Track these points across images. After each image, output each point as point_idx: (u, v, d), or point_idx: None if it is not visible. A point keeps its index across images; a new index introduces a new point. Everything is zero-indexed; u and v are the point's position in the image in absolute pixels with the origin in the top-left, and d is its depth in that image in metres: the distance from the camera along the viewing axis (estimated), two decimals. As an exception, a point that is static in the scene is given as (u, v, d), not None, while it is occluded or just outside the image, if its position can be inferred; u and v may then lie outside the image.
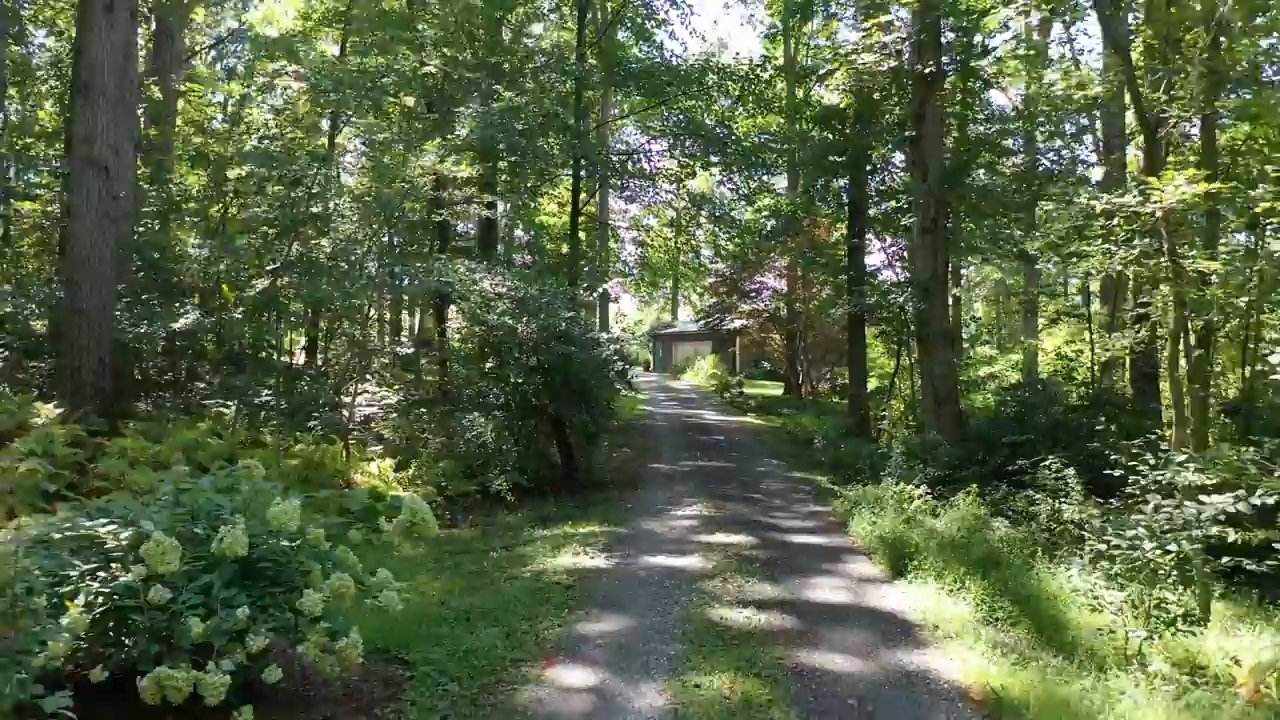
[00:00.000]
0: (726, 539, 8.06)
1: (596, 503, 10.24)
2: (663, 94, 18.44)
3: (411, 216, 11.67)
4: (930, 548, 7.21)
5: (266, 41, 16.08)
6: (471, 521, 9.17)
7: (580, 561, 7.21)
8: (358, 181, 13.28)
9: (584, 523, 9.00)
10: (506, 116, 10.46)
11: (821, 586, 6.51)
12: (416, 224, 18.88)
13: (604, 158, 20.03)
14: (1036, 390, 11.19)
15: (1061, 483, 8.81)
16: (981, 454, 10.35)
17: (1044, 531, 8.36)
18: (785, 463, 13.81)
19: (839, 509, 9.50)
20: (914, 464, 10.16)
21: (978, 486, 9.16)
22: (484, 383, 10.91)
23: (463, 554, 7.76)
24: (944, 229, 11.21)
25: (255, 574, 3.98)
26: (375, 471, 9.50)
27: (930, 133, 11.06)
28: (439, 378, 14.91)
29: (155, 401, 12.22)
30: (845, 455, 12.91)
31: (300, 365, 14.34)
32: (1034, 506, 8.92)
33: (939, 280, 11.00)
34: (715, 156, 19.61)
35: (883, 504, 8.92)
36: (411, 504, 4.51)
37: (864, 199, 16.68)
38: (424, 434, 10.32)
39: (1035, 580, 6.46)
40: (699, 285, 38.69)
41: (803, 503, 10.18)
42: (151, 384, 12.41)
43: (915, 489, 9.33)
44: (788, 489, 11.19)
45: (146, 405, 11.86)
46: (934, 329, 10.92)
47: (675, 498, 10.42)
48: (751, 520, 8.98)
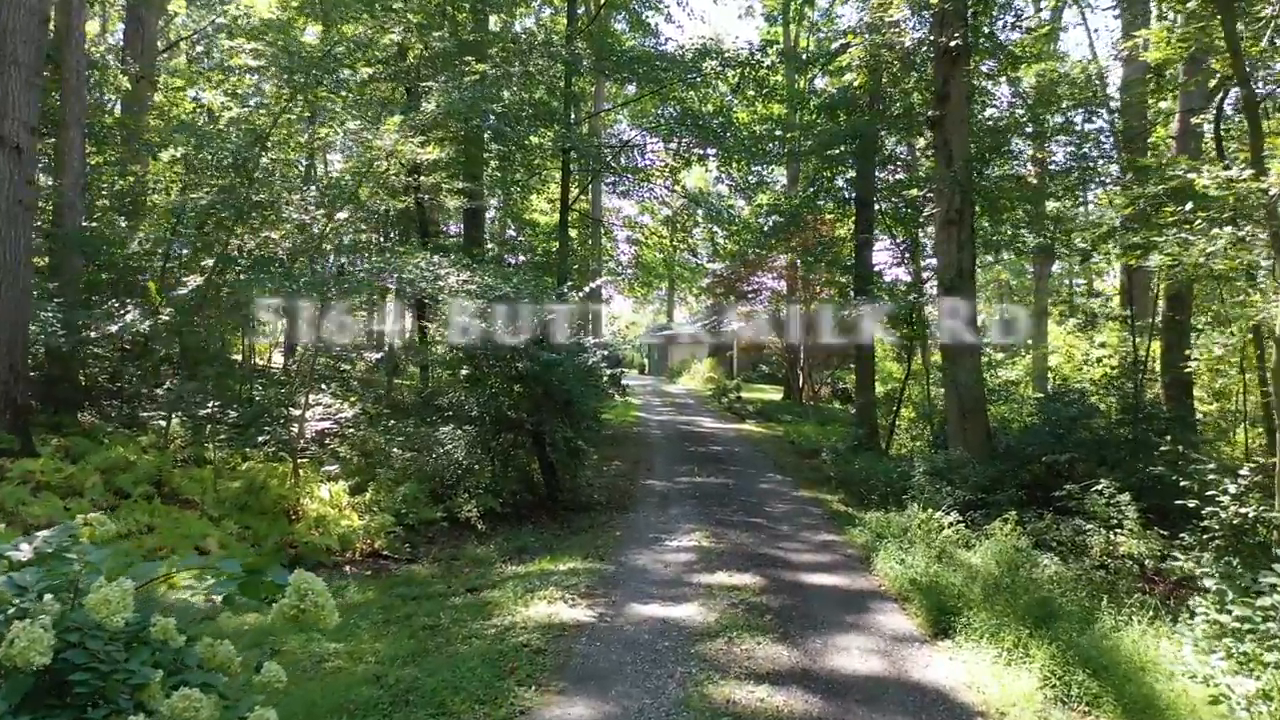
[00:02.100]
0: (729, 579, 6.87)
1: (581, 529, 9.05)
2: (657, 81, 17.28)
3: (376, 205, 10.50)
4: (975, 595, 6.03)
5: (240, 29, 14.91)
6: (435, 555, 7.97)
7: (556, 613, 6.01)
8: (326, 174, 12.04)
9: (565, 556, 7.80)
10: (479, 91, 9.28)
11: (849, 649, 5.32)
12: (387, 216, 17.75)
13: (595, 150, 18.88)
14: (1071, 401, 10.02)
15: (1114, 509, 7.67)
16: (1015, 474, 9.18)
17: (1098, 568, 7.21)
18: (790, 478, 12.63)
19: (857, 539, 8.32)
20: (940, 485, 8.99)
21: (1016, 513, 8.01)
22: (457, 393, 9.70)
23: (419, 599, 6.57)
24: (971, 220, 10.04)
25: (63, 690, 2.80)
26: (326, 496, 8.28)
27: (955, 113, 9.90)
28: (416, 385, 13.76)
29: (101, 412, 11.03)
30: (856, 471, 11.73)
31: (269, 370, 13.17)
32: (1081, 536, 7.77)
33: (965, 277, 9.84)
34: (712, 150, 18.50)
35: (909, 536, 7.74)
36: (300, 584, 3.26)
37: (871, 192, 15.52)
38: (387, 450, 9.10)
39: (1110, 642, 5.28)
40: (695, 287, 37.57)
41: (813, 529, 8.99)
42: (103, 392, 11.21)
43: (944, 516, 8.17)
44: (795, 511, 10.01)
45: (91, 416, 10.68)
46: (959, 332, 9.76)
47: (670, 522, 9.23)
48: (757, 554, 7.79)
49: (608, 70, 18.23)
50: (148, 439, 9.59)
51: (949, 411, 10.10)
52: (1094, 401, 10.58)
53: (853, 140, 13.79)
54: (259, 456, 9.40)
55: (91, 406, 10.91)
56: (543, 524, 9.19)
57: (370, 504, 8.38)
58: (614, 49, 18.11)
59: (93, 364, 11.28)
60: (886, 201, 14.42)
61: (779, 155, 17.86)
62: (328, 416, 8.92)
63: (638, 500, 10.64)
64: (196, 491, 8.17)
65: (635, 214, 28.07)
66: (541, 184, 22.84)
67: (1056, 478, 9.15)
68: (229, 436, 9.61)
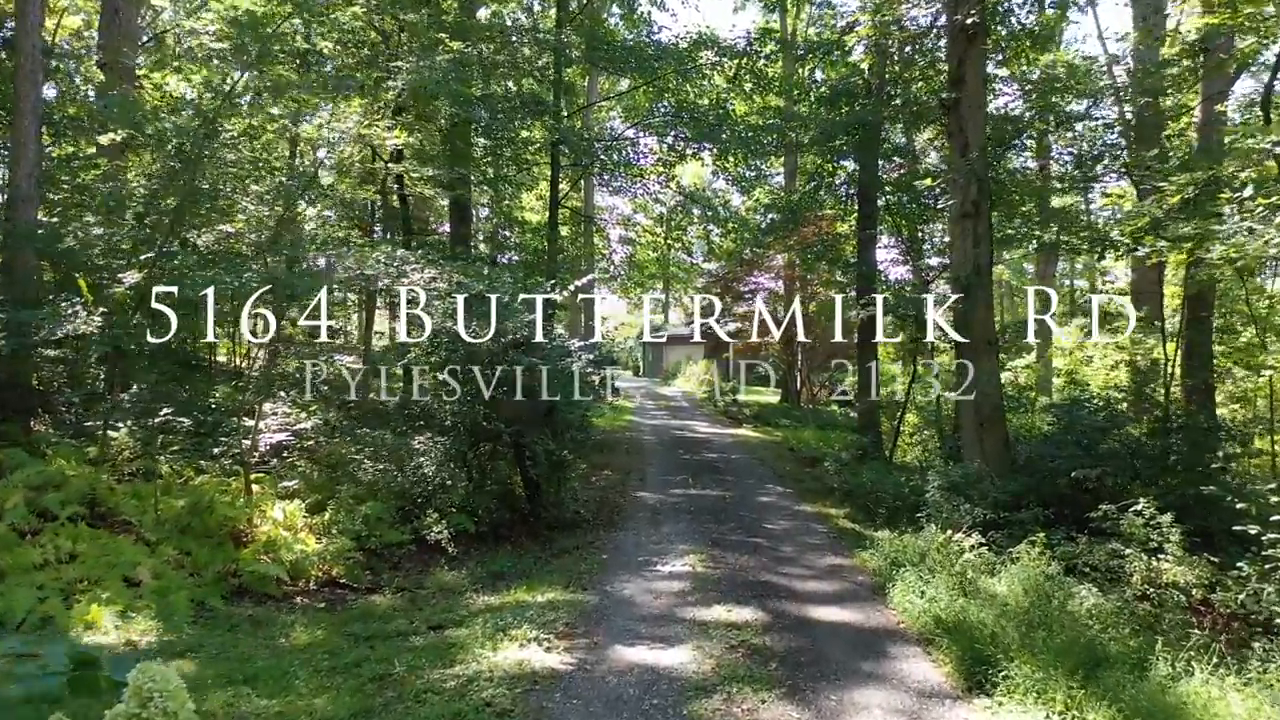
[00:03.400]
0: (728, 615, 6.08)
1: (565, 550, 8.24)
2: (650, 73, 16.49)
3: (347, 197, 9.72)
4: (1011, 637, 5.24)
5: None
6: (399, 583, 7.15)
7: (529, 658, 5.21)
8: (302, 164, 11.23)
9: (544, 584, 7.00)
10: (452, 70, 8.46)
11: (869, 709, 4.53)
12: (373, 212, 16.91)
13: (586, 144, 18.08)
14: (1098, 409, 9.25)
15: (1154, 531, 6.91)
16: (1038, 489, 8.41)
17: (1140, 598, 6.45)
18: (790, 490, 11.84)
19: (868, 564, 7.53)
20: (957, 502, 8.21)
21: (1044, 535, 7.23)
22: (430, 400, 8.89)
23: (375, 638, 5.76)
24: (988, 213, 9.27)
25: None
26: (280, 517, 7.45)
27: (971, 97, 9.13)
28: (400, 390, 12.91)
29: (58, 420, 10.20)
30: (862, 482, 10.95)
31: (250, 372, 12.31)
32: (1117, 561, 7.00)
33: (982, 274, 9.07)
34: (708, 146, 17.72)
35: (927, 561, 6.96)
36: (142, 684, 2.43)
37: (874, 187, 14.74)
38: (353, 464, 8.27)
39: (1173, 698, 4.50)
40: (690, 287, 36.81)
41: (819, 550, 8.20)
42: (63, 398, 10.38)
43: (965, 538, 7.39)
44: (798, 529, 9.22)
45: (45, 424, 9.85)
46: (976, 334, 9.00)
47: (662, 542, 8.43)
48: (758, 582, 6.99)
49: (599, 61, 17.46)
50: (97, 450, 8.78)
51: (964, 420, 9.33)
52: (1121, 409, 9.80)
53: (855, 131, 13.02)
54: (215, 470, 8.58)
55: (48, 413, 10.10)
56: (522, 545, 8.38)
57: (329, 525, 7.57)
58: (606, 40, 17.32)
59: (47, 368, 10.46)
60: (892, 196, 13.62)
61: (777, 147, 17.06)
62: (286, 427, 8.09)
63: (627, 516, 9.84)
64: (135, 511, 7.33)
65: (629, 212, 27.26)
66: (532, 180, 22.05)
67: (1083, 493, 8.38)
68: (183, 447, 8.79)
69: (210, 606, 6.32)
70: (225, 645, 5.57)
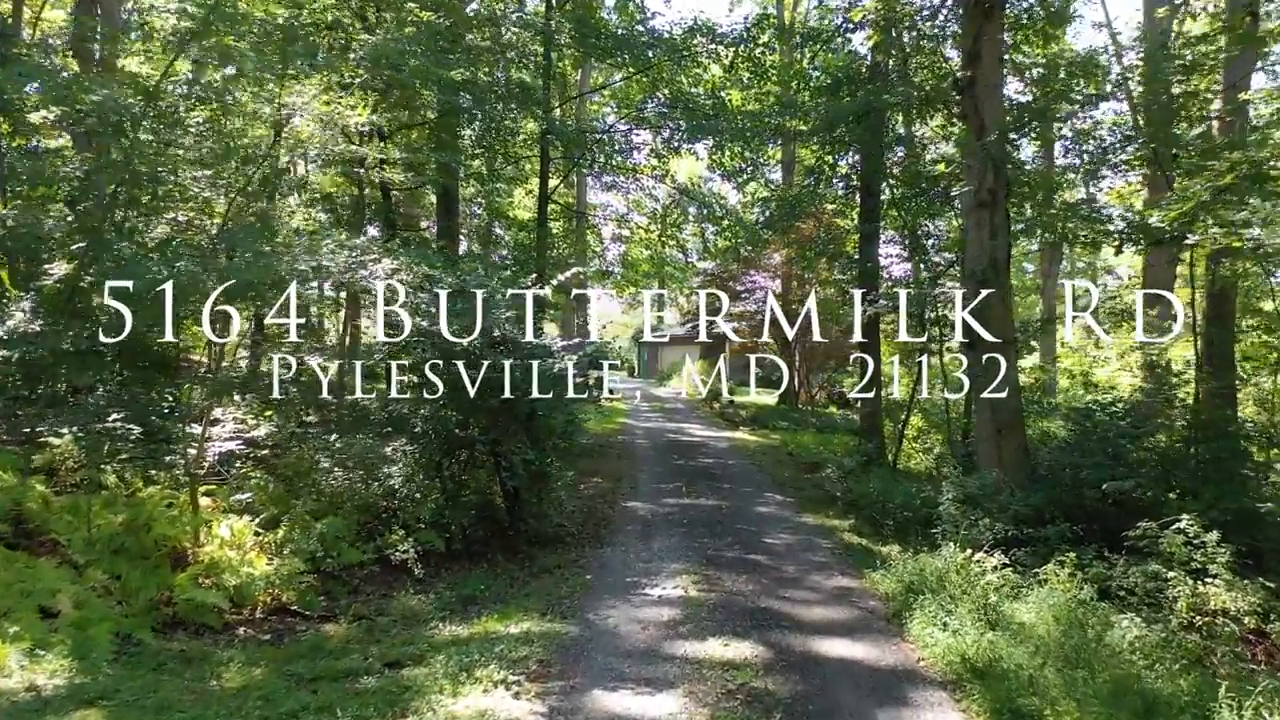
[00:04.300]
0: (724, 650, 5.35)
1: (545, 569, 7.51)
2: (644, 61, 15.80)
3: (296, 181, 8.99)
4: (1052, 683, 4.53)
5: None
6: (357, 610, 6.40)
7: (494, 707, 4.48)
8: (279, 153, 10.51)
9: (519, 610, 6.27)
10: (420, 43, 7.71)
11: (892, 776, 3.81)
12: (361, 208, 16.16)
13: (576, 134, 17.38)
14: (1127, 412, 8.56)
15: (1197, 551, 6.21)
16: (1062, 502, 7.70)
17: (1187, 628, 5.75)
18: (791, 499, 11.13)
19: (880, 586, 6.82)
20: (974, 516, 7.50)
21: (1075, 554, 6.53)
22: (398, 405, 8.15)
23: (320, 679, 5.02)
24: (1005, 202, 8.57)
25: None
26: (228, 535, 6.71)
27: (988, 76, 8.44)
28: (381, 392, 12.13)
29: (13, 426, 9.45)
30: (866, 490, 10.24)
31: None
32: (1154, 583, 6.30)
33: (999, 269, 8.37)
34: (704, 139, 17.04)
35: (947, 585, 6.24)
36: None
37: (878, 180, 14.04)
38: (312, 475, 7.53)
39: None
40: (686, 286, 36.14)
41: (825, 570, 7.48)
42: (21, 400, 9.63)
43: (988, 558, 6.68)
44: (800, 544, 8.50)
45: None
46: (993, 334, 8.29)
47: (652, 560, 7.71)
48: (758, 608, 6.27)
49: (590, 49, 16.75)
50: (43, 458, 8.04)
51: (979, 426, 8.62)
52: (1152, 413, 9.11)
53: (859, 118, 12.30)
54: (167, 482, 7.82)
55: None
56: (499, 564, 7.65)
57: (283, 543, 6.83)
58: (597, 28, 16.61)
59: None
60: (903, 187, 12.88)
61: (775, 135, 16.37)
62: (238, 434, 7.35)
63: (616, 529, 9.12)
64: (66, 529, 6.58)
65: (623, 208, 26.56)
66: (522, 175, 21.34)
67: (1112, 507, 7.69)
68: (133, 456, 8.04)
69: (137, 640, 5.56)
70: (145, 689, 4.82)
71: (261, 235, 6.35)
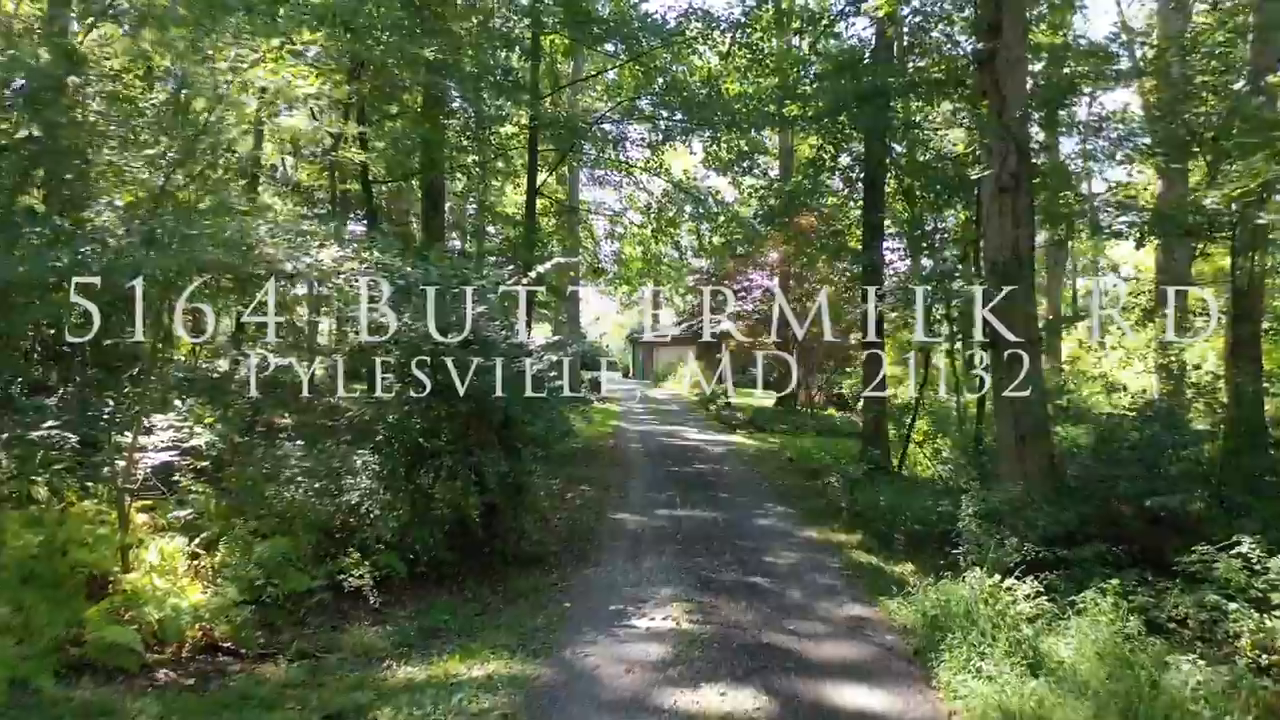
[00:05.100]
0: (720, 701, 4.57)
1: (521, 594, 6.72)
2: (635, 42, 15.04)
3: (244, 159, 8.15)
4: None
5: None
6: (302, 646, 5.57)
7: (440, 782, 3.69)
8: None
9: (486, 646, 5.48)
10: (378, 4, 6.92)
11: None
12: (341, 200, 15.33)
13: (566, 124, 16.62)
14: (1171, 420, 7.81)
15: (1257, 578, 5.46)
16: (1094, 519, 6.94)
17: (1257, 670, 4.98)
18: (792, 510, 10.36)
19: (897, 616, 6.04)
20: (1000, 534, 6.72)
21: (1118, 581, 5.76)
22: (358, 411, 7.35)
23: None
24: (1029, 186, 7.81)
25: None
26: (156, 561, 5.90)
27: (1010, 48, 7.67)
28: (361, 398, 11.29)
29: None
30: (874, 501, 9.48)
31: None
32: (1211, 614, 5.54)
33: (1023, 259, 7.61)
34: (700, 124, 16.28)
35: (976, 619, 5.46)
36: None
37: (882, 170, 13.28)
38: (257, 487, 6.72)
39: None
40: (681, 285, 35.37)
41: (834, 596, 6.70)
42: None
43: (1019, 584, 5.91)
44: (805, 563, 7.72)
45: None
46: (1016, 331, 7.53)
47: (641, 584, 6.92)
48: (760, 645, 5.49)
49: (580, 36, 15.99)
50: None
51: (1001, 433, 7.86)
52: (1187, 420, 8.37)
53: (864, 102, 11.49)
54: (103, 494, 7.01)
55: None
56: (469, 588, 6.85)
57: (220, 568, 6.02)
58: (588, 12, 15.82)
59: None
60: (909, 177, 12.11)
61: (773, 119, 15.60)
62: (176, 443, 6.54)
63: (603, 545, 8.33)
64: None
65: (616, 204, 25.73)
66: (511, 170, 20.53)
67: (1152, 525, 6.94)
68: (69, 467, 7.22)
69: (35, 689, 4.75)
70: None
71: (190, 218, 5.54)
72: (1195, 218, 9.72)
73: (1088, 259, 31.63)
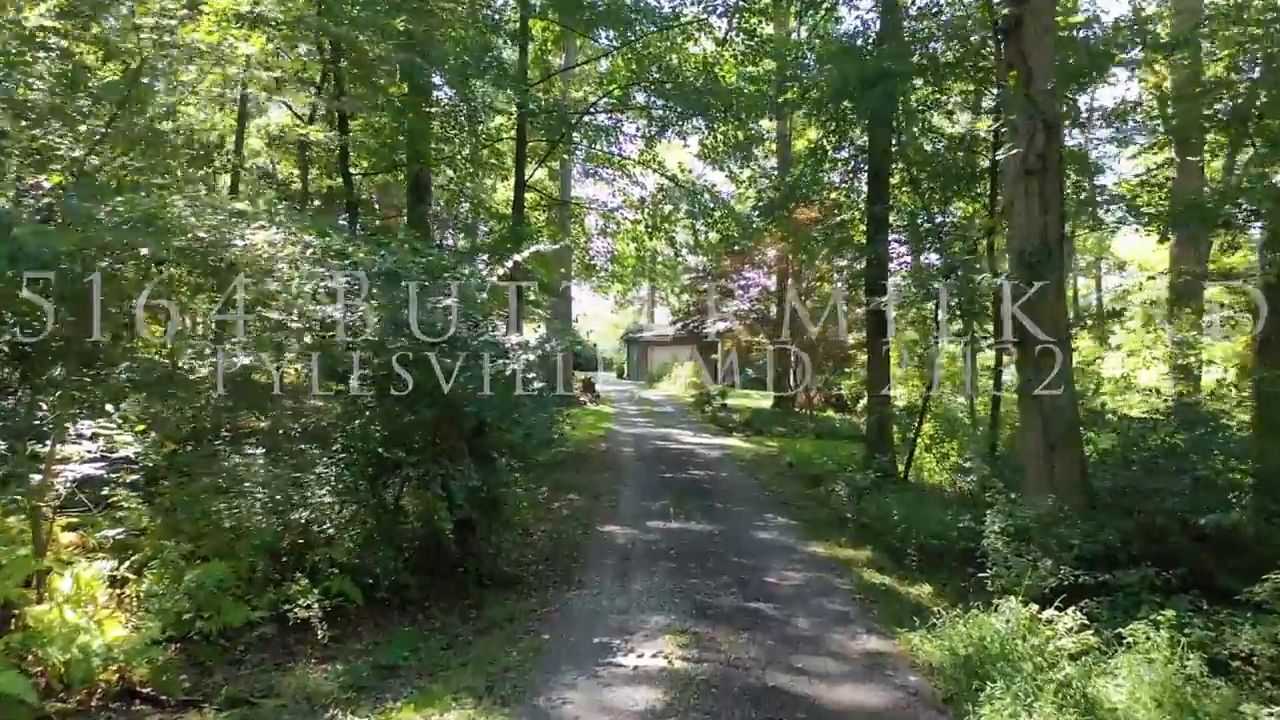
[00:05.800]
0: (721, 764, 3.84)
1: (493, 623, 5.97)
2: (627, 25, 14.31)
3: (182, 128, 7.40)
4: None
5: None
6: (235, 690, 4.81)
7: None
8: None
9: (448, 690, 4.73)
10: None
11: None
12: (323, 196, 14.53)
13: (557, 114, 15.88)
14: (1215, 426, 7.10)
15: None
16: (1135, 537, 6.22)
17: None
18: (794, 521, 9.63)
19: (920, 651, 5.31)
20: (1032, 554, 6.00)
21: (1173, 611, 5.04)
22: (315, 418, 6.58)
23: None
24: (1060, 168, 7.09)
25: None
26: (69, 590, 5.13)
27: (1038, 17, 6.95)
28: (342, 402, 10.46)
29: None
30: (884, 512, 8.76)
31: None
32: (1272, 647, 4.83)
33: (1053, 249, 6.89)
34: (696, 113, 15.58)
35: (1014, 659, 4.74)
36: None
37: (887, 160, 12.56)
38: (196, 503, 5.95)
39: None
40: (676, 285, 34.63)
41: (846, 625, 5.96)
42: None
43: (1060, 615, 5.19)
44: (812, 585, 6.99)
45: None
46: (1045, 330, 6.81)
47: (629, 609, 6.19)
48: (764, 688, 4.76)
49: (570, 21, 15.25)
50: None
51: (1026, 441, 7.12)
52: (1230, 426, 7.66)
53: (867, 88, 10.76)
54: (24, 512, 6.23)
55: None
56: (435, 616, 6.09)
57: (148, 597, 5.26)
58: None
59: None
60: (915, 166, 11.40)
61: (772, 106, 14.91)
62: (104, 454, 5.78)
63: (589, 564, 7.58)
64: None
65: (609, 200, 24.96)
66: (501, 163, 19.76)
67: (1199, 543, 6.23)
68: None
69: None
70: None
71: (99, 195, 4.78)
72: (1228, 207, 9.06)
73: (1091, 256, 30.96)
